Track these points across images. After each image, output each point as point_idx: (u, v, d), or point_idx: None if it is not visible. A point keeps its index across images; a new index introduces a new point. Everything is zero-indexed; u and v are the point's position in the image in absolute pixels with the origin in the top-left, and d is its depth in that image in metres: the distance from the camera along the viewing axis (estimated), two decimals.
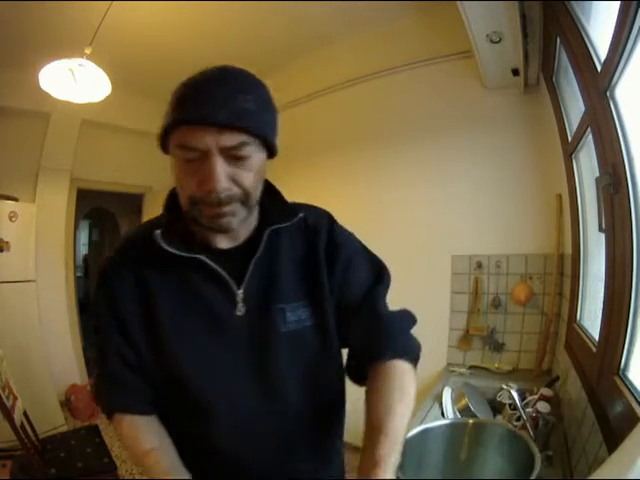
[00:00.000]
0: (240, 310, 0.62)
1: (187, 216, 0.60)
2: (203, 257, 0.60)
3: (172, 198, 0.65)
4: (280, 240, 0.66)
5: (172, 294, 0.62)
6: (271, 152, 0.61)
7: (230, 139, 0.53)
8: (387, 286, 0.73)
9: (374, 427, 0.52)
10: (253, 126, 0.55)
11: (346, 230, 0.74)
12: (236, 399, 0.62)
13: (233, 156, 0.55)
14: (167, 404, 0.64)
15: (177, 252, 0.59)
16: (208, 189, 0.54)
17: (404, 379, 0.58)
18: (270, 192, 0.67)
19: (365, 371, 0.62)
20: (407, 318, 0.70)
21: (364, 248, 0.75)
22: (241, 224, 0.61)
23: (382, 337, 0.63)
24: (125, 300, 0.63)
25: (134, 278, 0.63)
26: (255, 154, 0.57)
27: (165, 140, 0.60)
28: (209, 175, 0.54)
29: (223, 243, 0.64)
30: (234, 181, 0.56)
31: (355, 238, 0.75)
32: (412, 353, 0.64)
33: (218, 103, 0.52)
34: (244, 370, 0.63)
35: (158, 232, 0.59)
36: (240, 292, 0.62)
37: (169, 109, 0.58)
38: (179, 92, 0.57)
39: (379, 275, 0.72)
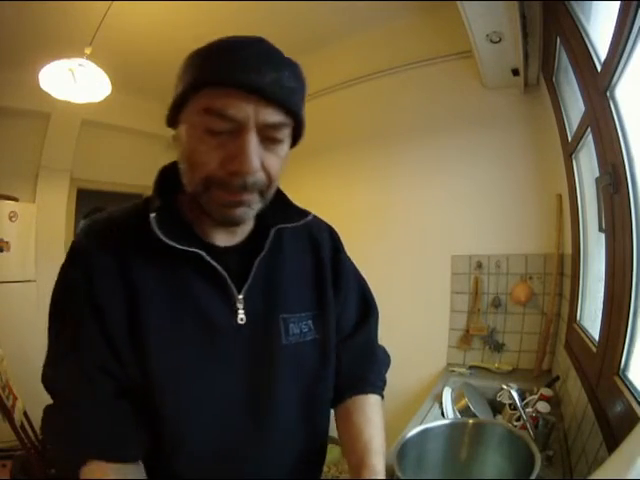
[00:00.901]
0: (241, 318, 0.54)
1: (192, 201, 0.52)
2: (203, 253, 0.51)
3: (164, 179, 0.56)
4: (283, 243, 0.60)
5: (162, 293, 0.51)
6: (293, 142, 0.54)
7: (272, 115, 0.46)
8: (377, 318, 0.73)
9: (360, 451, 0.56)
10: (295, 106, 0.48)
11: (345, 253, 0.72)
12: (223, 429, 0.53)
13: (267, 137, 0.47)
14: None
15: (174, 244, 0.49)
16: (235, 169, 0.46)
17: (379, 413, 0.64)
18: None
19: (340, 398, 0.65)
20: (388, 355, 0.74)
21: (358, 272, 0.74)
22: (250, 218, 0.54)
23: (371, 372, 0.67)
24: (109, 292, 0.49)
25: (118, 267, 0.50)
26: (286, 139, 0.51)
27: (180, 106, 0.49)
28: (241, 153, 0.45)
29: (221, 239, 0.56)
30: (262, 166, 0.48)
31: (351, 261, 0.73)
32: (384, 388, 0.69)
33: (264, 71, 0.44)
34: (239, 394, 0.54)
35: (153, 216, 0.49)
36: (240, 297, 0.54)
37: (189, 69, 0.48)
38: (206, 50, 0.48)
39: (369, 308, 0.72)
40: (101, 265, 0.50)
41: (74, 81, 1.89)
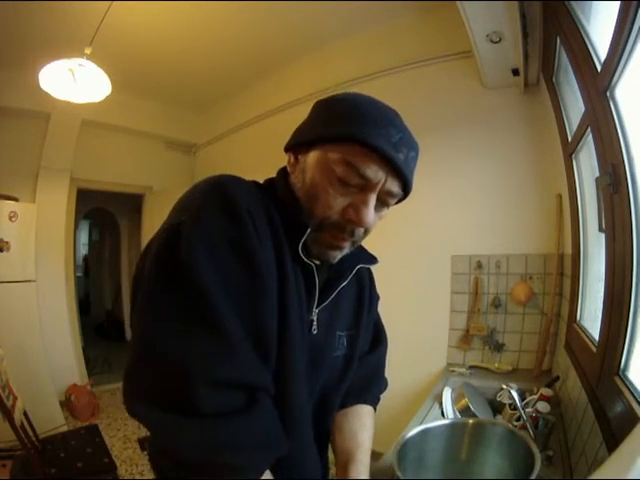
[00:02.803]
0: (315, 329, 0.62)
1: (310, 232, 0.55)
2: (315, 268, 0.58)
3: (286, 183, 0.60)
4: None
5: (291, 287, 0.54)
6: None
7: (394, 186, 0.54)
8: (386, 348, 0.82)
9: (350, 452, 0.65)
10: (411, 184, 0.56)
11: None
12: (304, 417, 0.60)
13: (383, 201, 0.55)
14: None
15: (303, 257, 0.55)
16: (353, 219, 0.53)
17: (372, 421, 0.73)
18: None
19: (342, 405, 0.71)
20: (386, 382, 0.82)
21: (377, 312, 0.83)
22: None
23: (376, 389, 0.78)
24: (271, 260, 0.50)
25: (272, 243, 0.51)
26: (391, 206, 0.58)
27: (318, 143, 0.54)
28: (363, 207, 0.53)
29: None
30: None
31: (379, 298, 0.82)
32: (377, 404, 0.78)
33: (401, 147, 0.52)
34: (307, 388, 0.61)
35: (308, 232, 0.54)
36: (316, 311, 0.62)
37: (340, 118, 0.53)
38: (367, 109, 0.53)
39: (382, 335, 0.82)
40: (261, 223, 0.49)
41: (74, 81, 1.89)
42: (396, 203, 0.60)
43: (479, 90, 2.12)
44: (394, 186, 0.54)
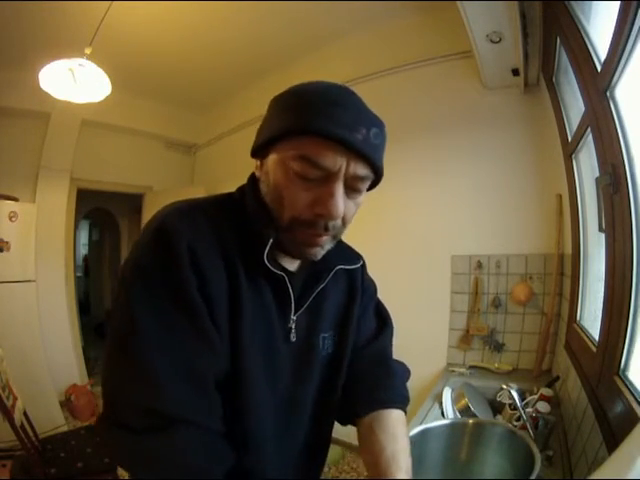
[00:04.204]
0: (293, 337, 0.60)
1: (278, 235, 0.54)
2: (286, 277, 0.56)
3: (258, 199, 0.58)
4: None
5: (251, 304, 0.53)
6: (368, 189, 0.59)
7: (360, 169, 0.50)
8: (392, 335, 0.77)
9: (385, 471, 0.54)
10: (379, 162, 0.52)
11: (369, 276, 0.78)
12: (273, 430, 0.58)
13: (351, 186, 0.52)
14: None
15: (269, 266, 0.53)
16: (323, 213, 0.50)
17: (402, 429, 0.63)
18: None
19: (356, 412, 0.64)
20: (407, 370, 0.74)
21: (377, 297, 0.79)
22: None
23: (389, 386, 0.67)
24: (217, 288, 0.49)
25: (222, 265, 0.51)
26: (364, 191, 0.55)
27: (271, 143, 0.53)
28: (329, 198, 0.49)
29: (287, 263, 0.60)
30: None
31: (374, 284, 0.78)
32: (407, 403, 0.68)
33: (357, 128, 0.49)
34: (279, 404, 0.59)
35: (270, 242, 0.52)
36: (294, 318, 0.60)
37: (288, 111, 0.51)
38: (309, 97, 0.51)
39: (385, 322, 0.76)
40: (205, 250, 0.49)
41: (74, 81, 1.89)
42: (372, 186, 0.57)
43: (479, 90, 2.12)
44: (359, 169, 0.50)
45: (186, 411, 0.46)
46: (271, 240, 0.52)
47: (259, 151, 0.56)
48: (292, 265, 0.61)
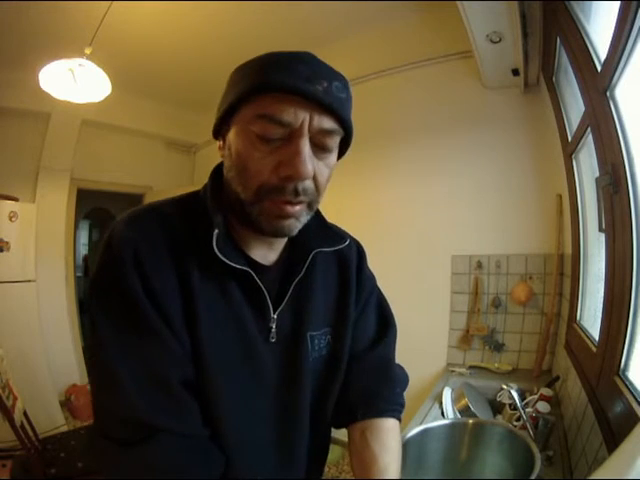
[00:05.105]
0: (273, 337, 0.55)
1: (234, 210, 0.51)
2: (252, 272, 0.51)
3: (216, 181, 0.55)
4: (315, 263, 0.60)
5: (210, 303, 0.50)
6: (340, 154, 0.55)
7: (324, 122, 0.47)
8: (396, 336, 0.71)
9: None
10: (346, 115, 0.49)
11: (369, 268, 0.72)
12: (258, 442, 0.55)
13: (319, 144, 0.48)
14: None
15: (227, 261, 0.49)
16: (290, 174, 0.46)
17: (397, 439, 0.61)
18: None
19: (352, 416, 0.62)
20: (406, 376, 0.71)
21: (378, 289, 0.73)
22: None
23: (386, 389, 0.64)
24: (166, 292, 0.47)
25: (170, 257, 0.48)
26: (335, 149, 0.51)
27: (230, 114, 0.49)
28: (295, 157, 0.45)
29: (260, 255, 0.56)
30: (313, 174, 0.48)
31: (375, 278, 0.73)
32: (403, 411, 0.66)
33: (317, 80, 0.45)
34: (270, 410, 0.55)
35: (216, 233, 0.48)
36: (274, 316, 0.55)
37: (241, 79, 0.48)
38: (257, 62, 0.49)
39: (388, 324, 0.70)
40: (151, 254, 0.47)
41: (74, 81, 1.89)
42: (344, 148, 0.54)
43: (479, 90, 2.12)
44: (325, 122, 0.47)
45: (156, 419, 0.45)
46: (217, 230, 0.48)
47: (220, 129, 0.53)
48: (267, 258, 0.57)
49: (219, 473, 0.49)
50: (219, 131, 0.53)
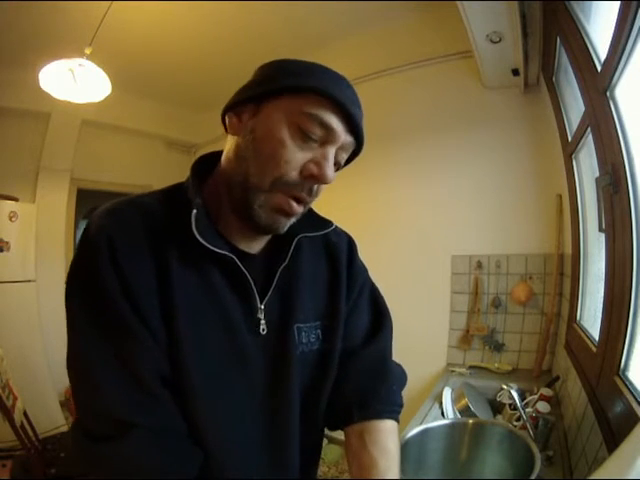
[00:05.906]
0: (263, 329, 0.54)
1: (241, 200, 0.51)
2: (236, 259, 0.50)
3: (200, 170, 0.56)
4: (302, 251, 0.60)
5: (190, 290, 0.49)
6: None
7: (349, 142, 0.53)
8: (391, 331, 0.69)
9: None
10: (362, 140, 0.55)
11: (361, 260, 0.70)
12: (240, 435, 0.53)
13: (336, 157, 0.53)
14: None
15: (209, 245, 0.48)
16: (316, 173, 0.49)
17: (395, 441, 0.60)
18: None
19: (348, 417, 0.60)
20: (404, 374, 0.69)
21: (372, 282, 0.71)
22: None
23: (383, 388, 0.62)
24: (142, 282, 0.46)
25: (148, 247, 0.47)
26: (341, 166, 0.56)
27: (266, 97, 0.50)
28: (324, 161, 0.50)
29: (244, 242, 0.55)
30: None
31: (367, 271, 0.71)
32: (401, 411, 0.64)
33: (357, 105, 0.52)
34: (255, 407, 0.54)
35: (194, 213, 0.48)
36: (262, 307, 0.54)
37: (297, 72, 0.51)
38: (306, 64, 0.53)
39: (383, 319, 0.68)
40: (127, 243, 0.47)
41: (74, 81, 1.89)
42: (342, 166, 0.57)
43: (479, 90, 2.12)
44: (349, 142, 0.53)
45: (130, 415, 0.45)
46: (195, 210, 0.48)
47: (244, 106, 0.52)
48: (252, 247, 0.56)
49: (194, 470, 0.48)
50: (236, 107, 0.53)
